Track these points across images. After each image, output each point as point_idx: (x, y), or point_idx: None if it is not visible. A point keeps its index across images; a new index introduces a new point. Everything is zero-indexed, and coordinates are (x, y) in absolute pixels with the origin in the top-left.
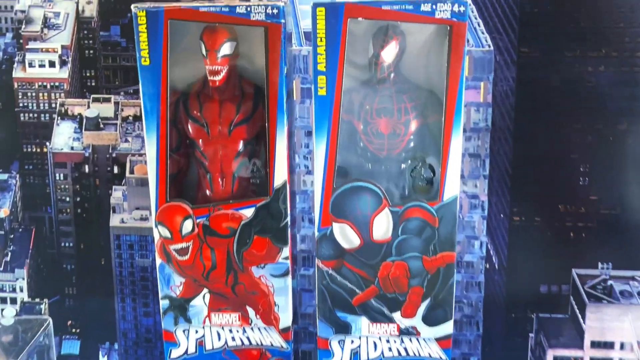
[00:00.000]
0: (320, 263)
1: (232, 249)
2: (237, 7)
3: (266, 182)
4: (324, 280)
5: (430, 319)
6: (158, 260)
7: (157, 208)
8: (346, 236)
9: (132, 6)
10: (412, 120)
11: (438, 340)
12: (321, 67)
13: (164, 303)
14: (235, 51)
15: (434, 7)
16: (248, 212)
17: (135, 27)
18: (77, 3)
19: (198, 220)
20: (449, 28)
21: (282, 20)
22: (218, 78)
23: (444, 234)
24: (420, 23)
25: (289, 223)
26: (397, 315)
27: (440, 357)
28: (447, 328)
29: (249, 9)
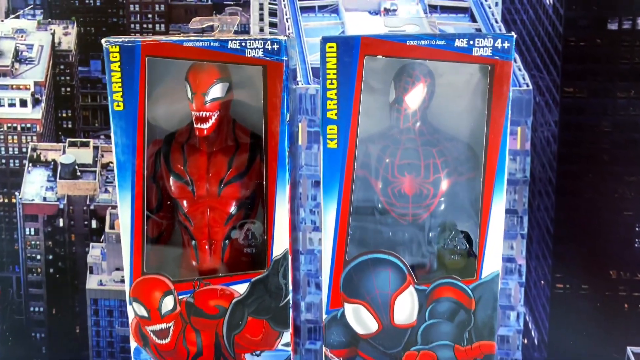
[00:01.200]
0: (329, 352)
1: (222, 332)
2: (230, 42)
3: (263, 252)
4: None
5: None
6: (133, 344)
7: (131, 282)
8: (361, 320)
9: (103, 40)
10: (443, 178)
11: None
12: (331, 114)
13: None
14: (228, 93)
15: (471, 42)
16: (241, 288)
17: (106, 65)
18: (53, 34)
19: (181, 297)
20: (490, 68)
21: (284, 58)
22: (206, 126)
23: (481, 319)
24: (454, 62)
25: (291, 302)
26: None
27: None
28: None
29: (243, 44)
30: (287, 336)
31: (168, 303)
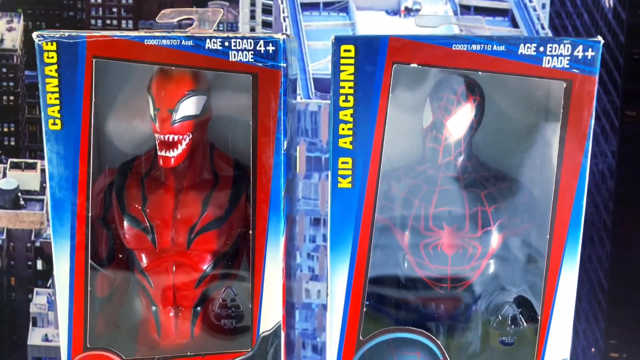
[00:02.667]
0: None
1: None
2: (208, 41)
3: (247, 324)
4: None
5: None
6: None
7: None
8: None
9: (35, 35)
10: (494, 232)
11: None
12: (345, 142)
13: None
14: (205, 110)
15: (541, 49)
16: None
17: (39, 68)
18: None
19: None
20: (564, 85)
21: (282, 64)
22: (174, 154)
23: None
24: (515, 75)
25: None
26: None
27: None
28: None
29: (227, 43)
30: None
31: None
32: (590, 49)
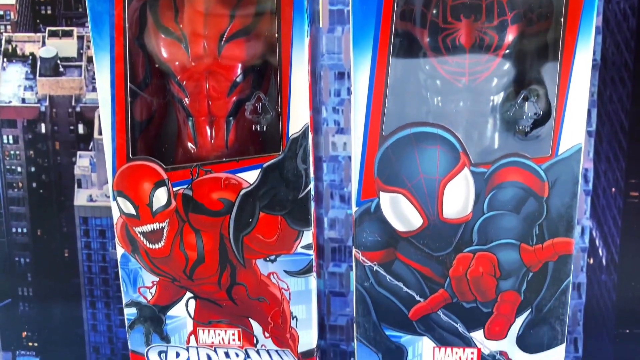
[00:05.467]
0: (360, 255)
1: (228, 233)
2: None
3: (277, 130)
4: (366, 282)
5: (530, 342)
6: (119, 250)
7: (114, 171)
8: (401, 213)
9: None
10: (510, 24)
11: None
12: None
13: (129, 313)
14: None
15: None
16: (250, 176)
17: None
18: None
19: (176, 189)
20: None
21: None
22: None
23: (557, 209)
24: None
25: (312, 193)
26: (478, 335)
27: None
28: (555, 356)
29: None
30: (308, 236)
31: (160, 197)
32: None
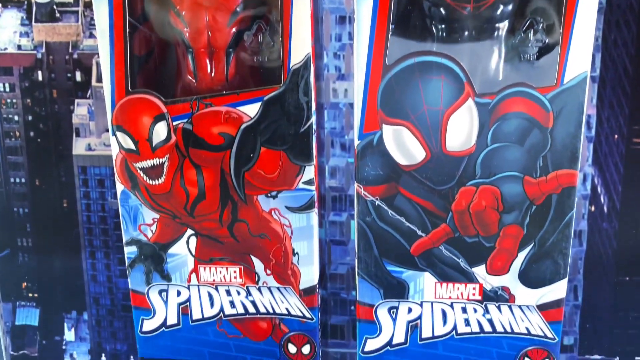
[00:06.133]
0: (362, 189)
1: (229, 168)
2: None
3: (278, 62)
4: (368, 217)
5: (532, 276)
6: (119, 187)
7: (113, 105)
8: (403, 146)
9: None
10: None
11: (542, 309)
12: None
13: (129, 251)
14: None
15: None
16: (251, 110)
17: None
18: None
19: (176, 123)
20: None
21: None
22: None
23: (561, 140)
24: None
25: (314, 127)
26: (479, 270)
27: (545, 336)
28: (557, 291)
29: None
30: (310, 171)
31: (160, 131)
32: None
